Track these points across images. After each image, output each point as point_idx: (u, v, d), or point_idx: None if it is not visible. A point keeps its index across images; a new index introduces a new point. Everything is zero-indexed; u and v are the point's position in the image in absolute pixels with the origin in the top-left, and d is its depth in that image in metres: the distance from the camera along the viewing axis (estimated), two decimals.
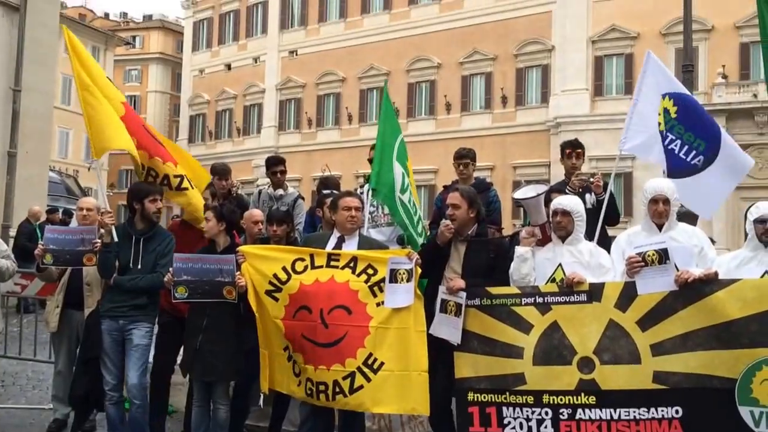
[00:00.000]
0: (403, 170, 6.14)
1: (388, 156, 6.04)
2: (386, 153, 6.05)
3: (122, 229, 5.40)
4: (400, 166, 6.11)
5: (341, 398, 4.66)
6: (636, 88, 5.84)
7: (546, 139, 32.60)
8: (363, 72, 38.75)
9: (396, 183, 6.03)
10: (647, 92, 5.69)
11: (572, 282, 4.50)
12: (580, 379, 4.38)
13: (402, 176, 6.08)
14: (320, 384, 4.70)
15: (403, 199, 6.04)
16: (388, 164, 6.02)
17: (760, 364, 4.10)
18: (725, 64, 29.11)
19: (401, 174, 6.08)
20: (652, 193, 4.75)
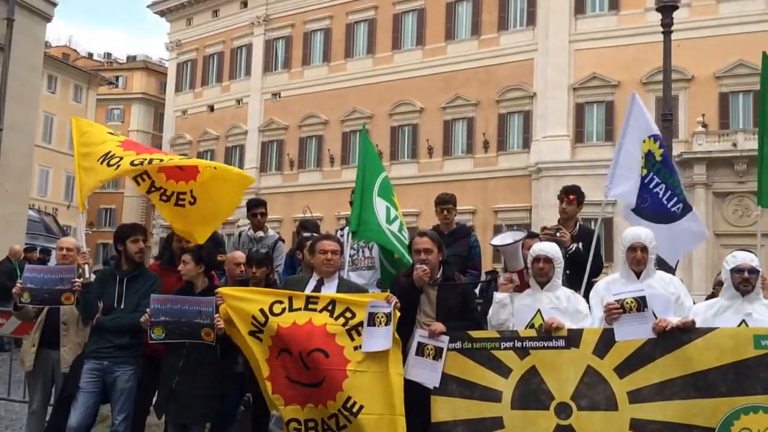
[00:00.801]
0: (388, 204, 6.10)
1: (368, 197, 6.04)
2: (366, 194, 6.04)
3: (109, 270, 5.44)
4: (384, 201, 6.09)
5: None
6: (621, 132, 5.86)
7: (527, 184, 32.89)
8: (346, 115, 39.05)
9: (379, 216, 6.00)
10: (632, 135, 5.71)
11: (551, 327, 4.53)
12: (557, 424, 4.39)
13: (386, 209, 6.06)
14: (309, 421, 4.72)
15: (392, 230, 6.02)
16: (369, 205, 6.01)
17: (738, 413, 4.12)
18: (705, 113, 29.65)
19: (385, 207, 6.06)
20: (630, 241, 4.80)
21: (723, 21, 29.67)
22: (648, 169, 5.60)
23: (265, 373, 4.79)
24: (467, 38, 36.35)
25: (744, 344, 4.20)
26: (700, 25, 29.20)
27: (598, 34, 32.22)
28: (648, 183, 5.60)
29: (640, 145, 5.63)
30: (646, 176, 5.61)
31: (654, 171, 5.60)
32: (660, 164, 5.60)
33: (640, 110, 5.76)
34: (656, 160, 5.60)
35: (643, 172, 5.62)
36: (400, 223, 6.10)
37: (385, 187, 6.19)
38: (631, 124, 5.72)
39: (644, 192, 5.62)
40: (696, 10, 30.07)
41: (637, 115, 5.73)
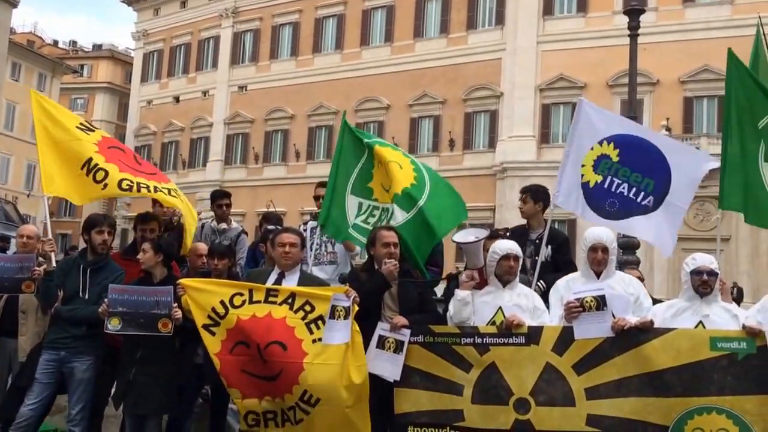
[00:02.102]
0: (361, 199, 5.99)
1: (340, 193, 5.96)
2: (338, 190, 5.97)
3: (73, 259, 5.41)
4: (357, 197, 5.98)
5: (290, 426, 4.69)
6: (568, 141, 5.88)
7: (492, 183, 33.11)
8: (312, 110, 38.88)
9: (349, 214, 5.92)
10: (578, 143, 5.72)
11: (512, 324, 4.56)
12: (516, 419, 4.45)
13: (358, 206, 5.96)
14: (268, 413, 4.71)
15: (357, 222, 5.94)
16: (340, 201, 5.93)
17: (692, 413, 4.21)
18: (669, 117, 30.12)
19: (357, 204, 5.97)
20: (591, 242, 4.84)
21: (688, 26, 30.18)
22: (604, 174, 5.58)
23: (218, 367, 4.75)
24: (436, 36, 36.46)
25: (700, 346, 4.28)
26: (666, 29, 29.67)
27: (565, 35, 32.52)
28: (609, 187, 5.57)
29: (585, 153, 5.62)
30: (603, 182, 5.57)
31: (612, 173, 5.58)
32: (618, 164, 5.58)
33: (588, 117, 5.73)
34: (613, 162, 5.58)
35: (597, 179, 5.59)
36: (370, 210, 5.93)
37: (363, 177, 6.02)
38: (577, 133, 5.73)
39: (608, 197, 5.58)
40: (662, 14, 30.55)
41: (584, 123, 5.72)
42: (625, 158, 5.58)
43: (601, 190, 5.60)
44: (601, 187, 5.61)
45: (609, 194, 5.59)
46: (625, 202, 5.56)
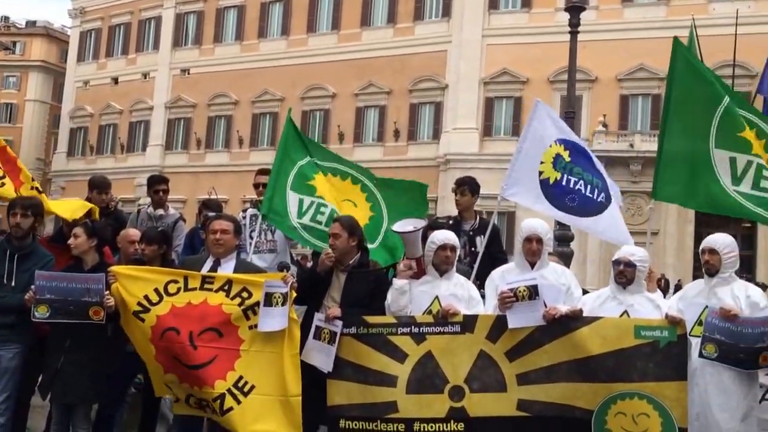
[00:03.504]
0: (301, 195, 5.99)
1: (281, 185, 5.94)
2: (280, 182, 5.95)
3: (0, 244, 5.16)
4: (296, 194, 5.99)
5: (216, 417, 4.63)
6: (521, 137, 5.99)
7: (435, 174, 33.33)
8: (256, 96, 38.43)
9: (290, 210, 5.92)
10: (533, 141, 5.85)
11: (448, 313, 4.63)
12: (451, 407, 4.52)
13: (299, 202, 5.97)
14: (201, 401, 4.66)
15: (303, 222, 5.93)
16: (282, 193, 5.92)
17: (615, 398, 4.36)
18: (606, 113, 30.93)
19: (297, 200, 5.97)
20: (526, 233, 4.96)
21: (627, 25, 31.01)
22: (561, 172, 5.76)
23: (151, 354, 4.68)
24: (383, 26, 36.48)
25: (625, 334, 4.44)
26: (606, 28, 30.39)
27: (509, 30, 32.97)
28: (567, 184, 5.76)
29: (543, 151, 5.77)
30: (561, 179, 5.75)
31: (566, 172, 5.76)
32: (571, 164, 5.77)
33: (545, 115, 5.90)
34: (566, 161, 5.77)
35: (557, 176, 5.75)
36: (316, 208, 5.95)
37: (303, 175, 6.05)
38: (533, 130, 5.85)
39: (568, 193, 5.77)
40: (602, 13, 31.29)
41: (540, 121, 5.86)
42: (575, 159, 5.81)
43: (560, 187, 5.79)
44: (560, 184, 5.79)
45: (569, 191, 5.79)
46: (583, 198, 5.74)
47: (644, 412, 4.32)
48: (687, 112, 5.64)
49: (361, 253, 5.13)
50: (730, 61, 28.50)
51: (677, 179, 5.67)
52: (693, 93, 5.59)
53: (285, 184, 5.88)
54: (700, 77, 5.64)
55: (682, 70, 5.66)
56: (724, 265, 4.76)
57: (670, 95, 5.71)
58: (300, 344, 4.67)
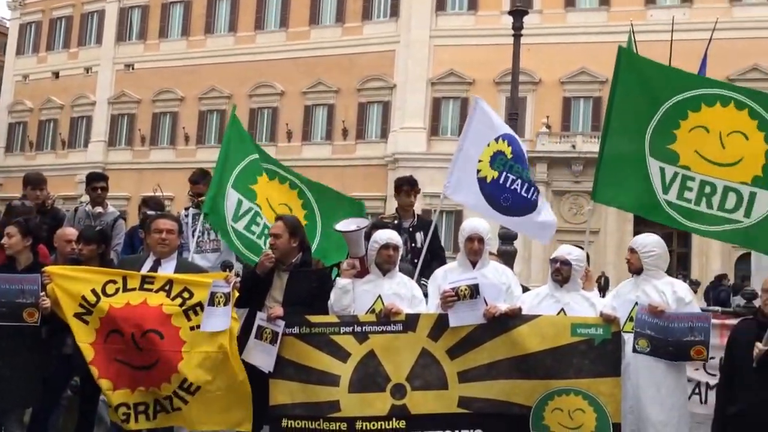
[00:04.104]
0: (241, 196, 5.94)
1: (225, 182, 5.88)
2: (223, 181, 5.89)
3: None
4: (238, 193, 5.93)
5: (163, 416, 4.60)
6: (462, 135, 6.06)
7: (384, 173, 33.47)
8: (203, 93, 37.88)
9: (228, 211, 5.87)
10: (473, 140, 5.92)
11: (390, 312, 4.66)
12: (392, 404, 4.57)
13: (238, 203, 5.92)
14: (139, 405, 4.58)
15: (237, 227, 5.88)
16: (222, 194, 5.86)
17: (552, 394, 4.47)
18: (549, 115, 31.57)
19: (236, 200, 5.92)
20: (469, 232, 5.05)
21: (570, 30, 31.67)
22: (499, 170, 5.83)
23: (89, 357, 4.59)
24: (331, 24, 36.40)
25: (562, 331, 4.55)
26: (550, 31, 30.98)
27: (456, 31, 33.31)
28: (504, 183, 5.83)
29: (482, 149, 5.84)
30: (498, 177, 5.82)
31: (506, 169, 5.84)
32: (511, 161, 5.86)
33: (484, 115, 5.96)
34: (507, 158, 5.85)
35: (494, 174, 5.83)
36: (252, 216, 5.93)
37: (248, 174, 5.99)
38: (473, 128, 5.92)
39: (503, 192, 5.84)
40: (546, 17, 31.89)
41: (480, 120, 5.93)
42: (516, 156, 5.88)
43: (496, 186, 5.86)
44: (496, 183, 5.86)
45: (504, 189, 5.86)
46: (517, 198, 5.84)
47: (580, 408, 4.43)
48: (627, 119, 5.74)
49: (304, 252, 5.11)
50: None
51: (615, 182, 5.79)
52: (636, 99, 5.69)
53: (227, 182, 5.83)
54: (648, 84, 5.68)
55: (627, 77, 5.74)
56: (645, 263, 4.91)
57: (612, 100, 5.82)
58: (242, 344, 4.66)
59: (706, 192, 5.30)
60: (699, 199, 5.33)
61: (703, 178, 5.31)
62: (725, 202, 5.25)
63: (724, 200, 5.25)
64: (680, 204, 5.39)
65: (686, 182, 5.38)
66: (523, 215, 5.86)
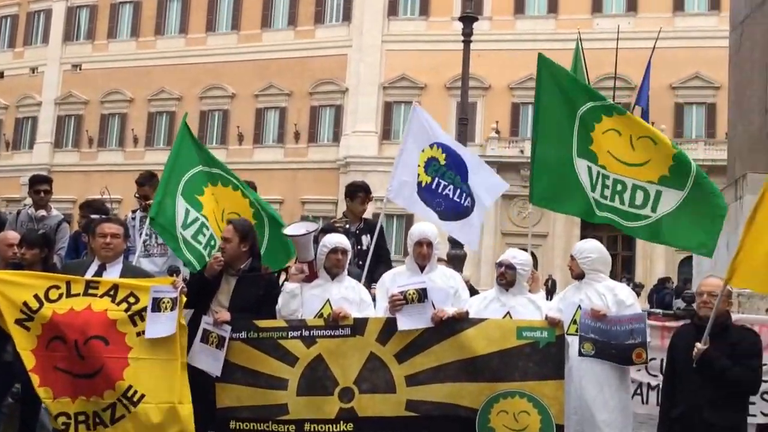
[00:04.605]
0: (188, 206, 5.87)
1: (172, 191, 5.80)
2: (171, 187, 5.80)
3: None
4: (185, 202, 5.86)
5: (102, 429, 4.49)
6: (402, 140, 6.16)
7: (335, 177, 33.51)
8: (153, 94, 37.35)
9: (177, 218, 5.79)
10: (412, 145, 6.01)
11: (338, 317, 4.68)
12: (340, 408, 4.59)
13: (186, 212, 5.84)
14: (79, 415, 4.48)
15: (185, 235, 5.80)
16: (171, 199, 5.78)
17: (497, 397, 4.54)
18: (499, 120, 32.07)
19: (184, 209, 5.84)
20: (417, 237, 5.09)
21: (519, 36, 32.27)
22: (432, 176, 5.92)
23: (30, 365, 4.47)
24: (284, 28, 36.37)
25: (508, 334, 4.62)
26: (499, 38, 31.55)
27: (408, 36, 33.65)
28: (436, 188, 5.92)
29: (418, 154, 5.93)
30: (431, 183, 5.91)
31: (439, 175, 5.92)
32: (445, 167, 5.94)
33: (421, 121, 6.05)
34: (441, 165, 5.94)
35: (427, 180, 5.92)
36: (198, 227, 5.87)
37: (194, 185, 5.93)
38: (412, 134, 6.02)
39: (436, 197, 5.92)
40: (496, 23, 32.46)
41: (417, 125, 6.03)
42: (450, 163, 5.97)
43: (429, 191, 5.94)
44: (429, 188, 5.94)
45: (436, 195, 5.94)
46: (449, 203, 5.92)
47: (524, 410, 4.51)
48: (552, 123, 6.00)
49: (253, 258, 5.09)
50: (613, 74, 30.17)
51: (548, 185, 6.02)
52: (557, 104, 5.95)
53: (176, 190, 5.75)
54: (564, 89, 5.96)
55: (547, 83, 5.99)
56: (585, 268, 5.02)
57: (537, 106, 6.06)
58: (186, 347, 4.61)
59: (618, 189, 5.65)
60: (613, 196, 5.67)
61: (615, 177, 5.66)
62: (635, 199, 5.59)
63: (634, 197, 5.59)
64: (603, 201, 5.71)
65: (605, 181, 5.71)
66: (455, 220, 5.95)
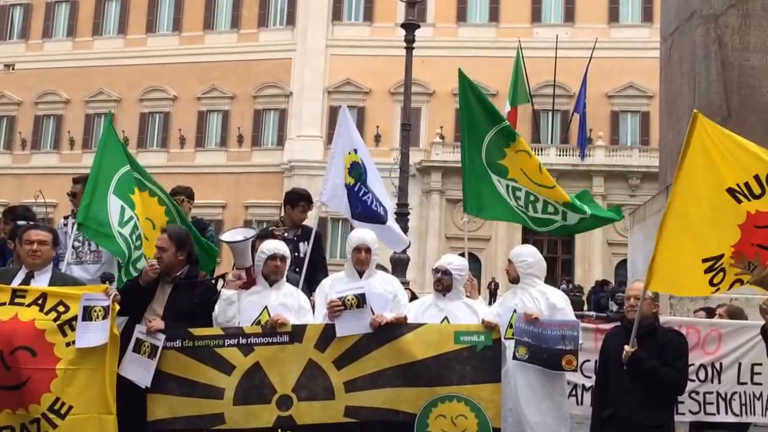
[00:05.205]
0: (123, 203, 5.74)
1: (101, 191, 5.64)
2: (100, 188, 5.64)
3: None
4: (120, 200, 5.72)
5: None
6: (333, 143, 6.24)
7: (279, 181, 33.30)
8: (91, 95, 36.41)
9: (111, 217, 5.64)
10: (340, 147, 6.09)
11: (276, 324, 4.65)
12: (278, 416, 4.55)
13: (121, 209, 5.71)
14: (5, 429, 4.35)
15: (123, 233, 5.66)
16: (102, 200, 5.62)
17: (436, 401, 4.58)
18: (443, 125, 32.40)
19: (120, 207, 5.71)
20: (355, 243, 5.09)
21: (461, 43, 32.72)
22: (355, 180, 6.03)
23: None
24: (227, 30, 36.00)
25: (446, 339, 4.67)
26: (442, 45, 31.91)
27: (353, 41, 33.70)
28: (358, 191, 6.03)
29: (344, 156, 6.02)
30: (354, 185, 6.02)
31: (360, 181, 6.05)
32: (362, 172, 6.07)
33: (347, 125, 6.16)
34: (360, 171, 6.06)
35: (350, 182, 6.03)
36: (133, 226, 5.75)
37: (125, 183, 5.80)
38: (340, 137, 6.11)
39: (355, 200, 6.04)
40: (439, 30, 32.85)
41: (344, 129, 6.13)
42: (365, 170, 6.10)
43: (353, 193, 6.05)
44: (352, 190, 6.06)
45: (356, 198, 6.06)
46: (366, 208, 6.05)
47: (462, 414, 4.55)
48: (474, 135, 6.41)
49: (191, 266, 5.01)
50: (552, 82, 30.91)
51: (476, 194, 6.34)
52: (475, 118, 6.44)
53: (106, 189, 5.60)
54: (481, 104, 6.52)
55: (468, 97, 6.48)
56: (521, 272, 5.14)
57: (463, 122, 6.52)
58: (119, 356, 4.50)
59: (530, 200, 6.26)
60: (527, 206, 6.28)
61: (527, 190, 6.24)
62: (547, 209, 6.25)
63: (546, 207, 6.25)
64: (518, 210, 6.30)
65: (516, 192, 6.26)
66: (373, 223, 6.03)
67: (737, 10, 8.71)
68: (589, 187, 31.23)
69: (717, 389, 5.35)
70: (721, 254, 4.27)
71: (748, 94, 8.68)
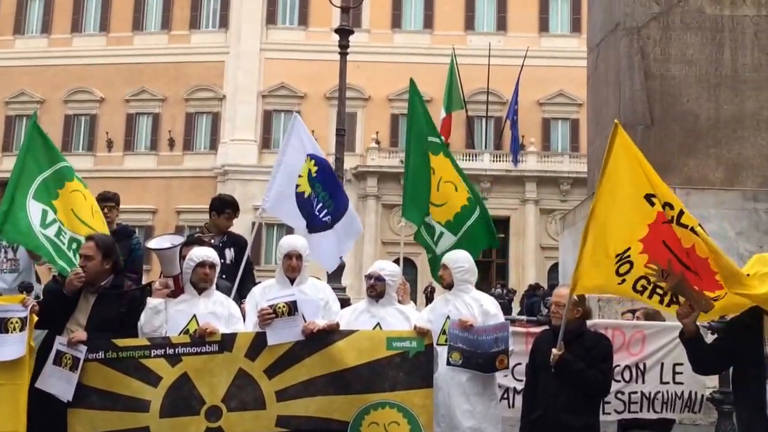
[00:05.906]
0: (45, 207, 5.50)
1: (21, 196, 5.40)
2: (20, 192, 5.40)
3: None
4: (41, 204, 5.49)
5: None
6: (281, 149, 6.14)
7: (213, 185, 32.74)
8: (12, 97, 35.06)
9: (32, 219, 5.40)
10: (292, 154, 6.02)
11: (205, 333, 4.54)
12: (207, 427, 4.44)
13: (43, 213, 5.47)
14: None
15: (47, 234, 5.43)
16: (21, 204, 5.38)
17: (368, 408, 4.54)
18: (379, 131, 32.52)
19: (41, 211, 5.47)
20: (286, 249, 5.02)
21: (396, 49, 32.95)
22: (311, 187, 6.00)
23: None
24: (157, 31, 35.27)
25: (378, 345, 4.65)
26: (378, 50, 32.05)
27: (287, 45, 33.53)
28: (308, 197, 5.98)
29: (300, 164, 5.97)
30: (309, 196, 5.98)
31: (310, 186, 6.00)
32: (315, 179, 6.01)
33: (300, 132, 6.11)
34: (313, 177, 6.02)
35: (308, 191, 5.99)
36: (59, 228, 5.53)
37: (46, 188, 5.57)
38: (291, 144, 6.05)
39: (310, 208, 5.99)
40: (374, 36, 32.96)
41: (297, 136, 6.07)
42: (320, 176, 6.05)
43: (309, 201, 6.00)
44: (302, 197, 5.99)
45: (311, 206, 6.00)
46: (311, 216, 5.98)
47: (395, 421, 4.53)
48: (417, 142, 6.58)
49: (116, 275, 4.84)
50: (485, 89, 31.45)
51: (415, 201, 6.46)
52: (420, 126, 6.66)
53: (26, 195, 5.37)
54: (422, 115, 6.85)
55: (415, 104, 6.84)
56: (456, 278, 5.16)
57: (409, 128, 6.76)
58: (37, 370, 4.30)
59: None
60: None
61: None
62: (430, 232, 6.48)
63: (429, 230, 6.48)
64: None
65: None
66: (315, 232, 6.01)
67: (658, 22, 9.05)
68: (522, 193, 31.98)
69: (641, 389, 5.51)
70: (628, 247, 4.37)
71: (669, 104, 9.02)
